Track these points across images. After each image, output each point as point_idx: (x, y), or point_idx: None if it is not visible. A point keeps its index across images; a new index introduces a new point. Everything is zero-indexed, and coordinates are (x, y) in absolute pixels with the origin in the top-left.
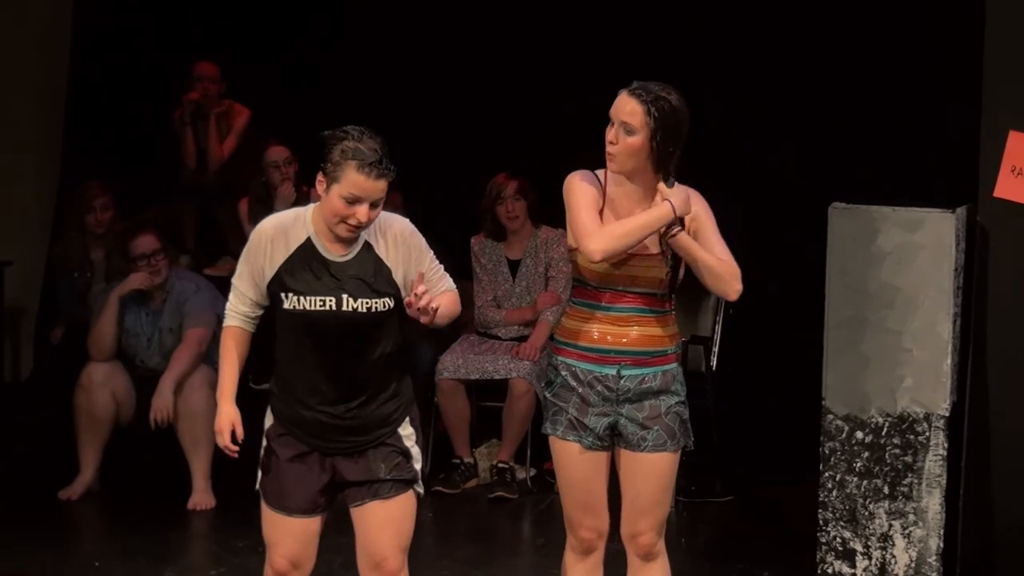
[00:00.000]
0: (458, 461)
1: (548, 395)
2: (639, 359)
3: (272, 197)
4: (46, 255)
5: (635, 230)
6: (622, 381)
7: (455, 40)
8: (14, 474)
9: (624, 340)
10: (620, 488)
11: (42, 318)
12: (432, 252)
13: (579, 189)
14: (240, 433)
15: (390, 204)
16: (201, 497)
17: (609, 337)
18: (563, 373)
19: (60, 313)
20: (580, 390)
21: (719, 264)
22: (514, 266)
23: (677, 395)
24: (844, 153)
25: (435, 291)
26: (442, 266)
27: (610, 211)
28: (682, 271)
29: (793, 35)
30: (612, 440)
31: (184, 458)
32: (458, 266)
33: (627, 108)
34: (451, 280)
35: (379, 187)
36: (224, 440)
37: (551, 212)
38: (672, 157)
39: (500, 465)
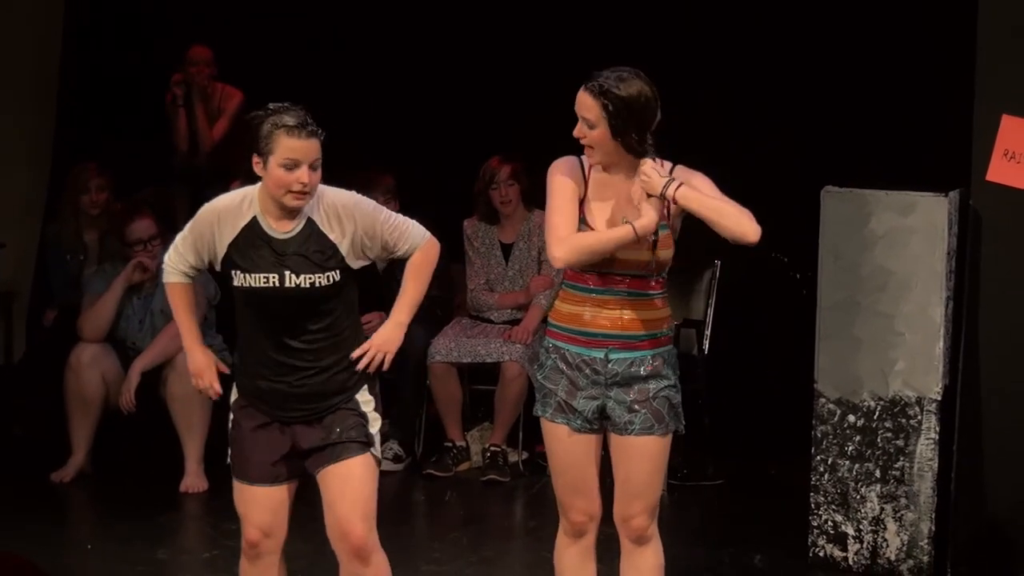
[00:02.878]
0: (450, 444)
1: (540, 377)
2: (628, 343)
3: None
4: (38, 238)
5: (599, 245)
6: (610, 365)
7: (449, 23)
8: (7, 457)
9: (614, 323)
10: (612, 471)
11: (34, 301)
12: (386, 211)
13: (558, 184)
14: (223, 368)
15: (381, 186)
16: (193, 480)
17: (599, 320)
18: (553, 356)
19: (53, 296)
20: (569, 373)
21: (729, 205)
22: (507, 249)
23: (667, 379)
24: (837, 136)
25: (401, 249)
26: (401, 218)
27: (596, 193)
28: (671, 252)
29: (787, 20)
30: (602, 423)
31: (176, 440)
32: (451, 249)
33: (585, 103)
34: (417, 228)
35: (311, 147)
36: (205, 381)
37: (545, 196)
38: (640, 141)
39: (492, 448)
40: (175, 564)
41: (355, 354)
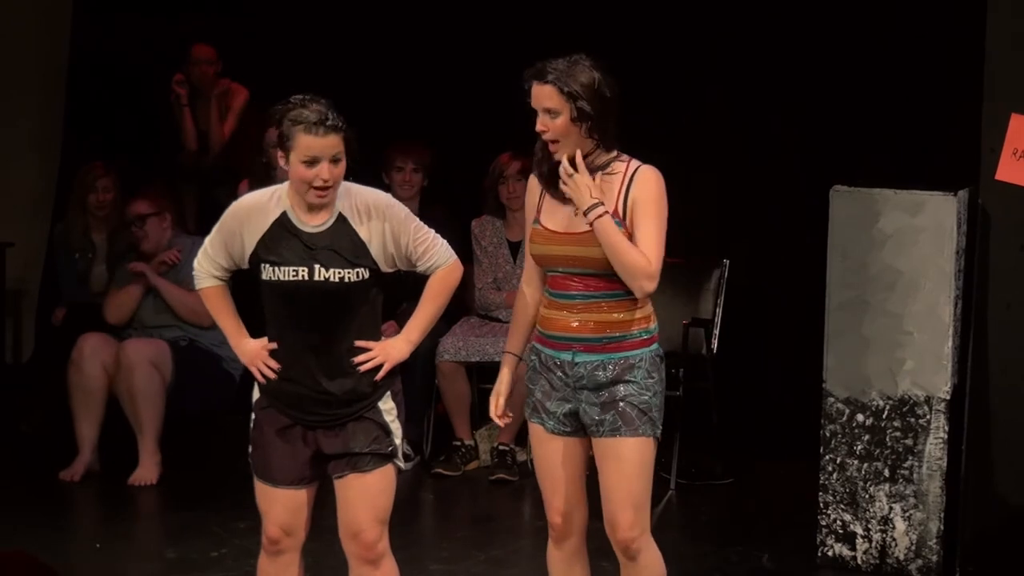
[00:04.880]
0: (459, 443)
1: (526, 377)
2: (590, 345)
3: (273, 178)
4: (47, 236)
5: None
6: (576, 367)
7: (459, 18)
8: (16, 455)
9: (574, 325)
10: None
11: (43, 299)
12: (417, 222)
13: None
14: (271, 346)
15: (415, 154)
16: (146, 472)
17: (562, 323)
18: (534, 357)
19: (61, 294)
20: (546, 375)
21: (630, 256)
22: (514, 248)
23: (637, 383)
24: (846, 135)
25: (423, 264)
26: (432, 233)
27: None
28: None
29: (794, 17)
30: (577, 426)
31: (182, 439)
32: (461, 249)
33: (543, 93)
34: (445, 248)
35: (330, 143)
36: (260, 366)
37: None
38: (603, 127)
39: (501, 447)
40: (184, 562)
41: (359, 359)
